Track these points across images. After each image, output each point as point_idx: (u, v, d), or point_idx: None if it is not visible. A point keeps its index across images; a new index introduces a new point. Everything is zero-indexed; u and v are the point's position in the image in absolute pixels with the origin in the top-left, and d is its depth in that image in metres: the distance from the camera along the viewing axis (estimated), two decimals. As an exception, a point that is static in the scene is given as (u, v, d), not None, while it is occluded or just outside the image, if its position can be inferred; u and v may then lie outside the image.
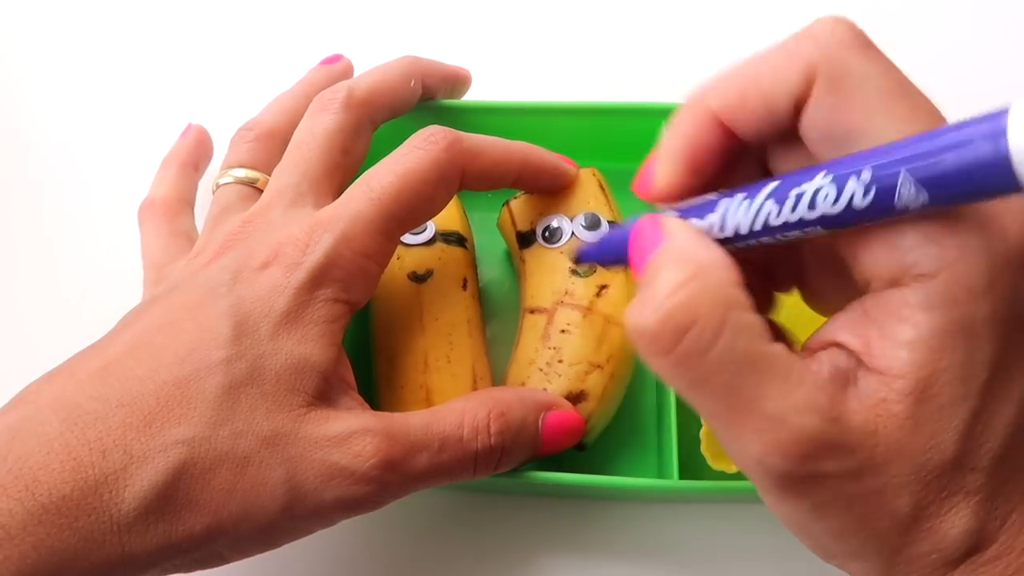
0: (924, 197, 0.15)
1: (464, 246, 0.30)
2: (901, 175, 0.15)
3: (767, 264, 0.23)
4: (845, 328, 0.18)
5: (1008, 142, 0.13)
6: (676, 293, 0.17)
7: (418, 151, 0.24)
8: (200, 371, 0.21)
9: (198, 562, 0.21)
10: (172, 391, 0.21)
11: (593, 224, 0.29)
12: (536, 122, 0.32)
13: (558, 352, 0.27)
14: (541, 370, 0.27)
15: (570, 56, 0.40)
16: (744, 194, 0.18)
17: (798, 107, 0.18)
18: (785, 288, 0.23)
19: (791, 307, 0.24)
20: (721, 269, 0.17)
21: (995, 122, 0.14)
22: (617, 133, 0.33)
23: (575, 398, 0.26)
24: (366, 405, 0.23)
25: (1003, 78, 0.39)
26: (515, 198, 0.30)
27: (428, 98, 0.32)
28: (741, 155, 0.20)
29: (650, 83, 0.39)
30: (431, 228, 0.29)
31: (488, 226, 0.32)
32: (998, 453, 0.16)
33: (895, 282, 0.17)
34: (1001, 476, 0.17)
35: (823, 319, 0.19)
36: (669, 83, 0.38)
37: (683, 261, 0.17)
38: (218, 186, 0.29)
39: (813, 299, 0.22)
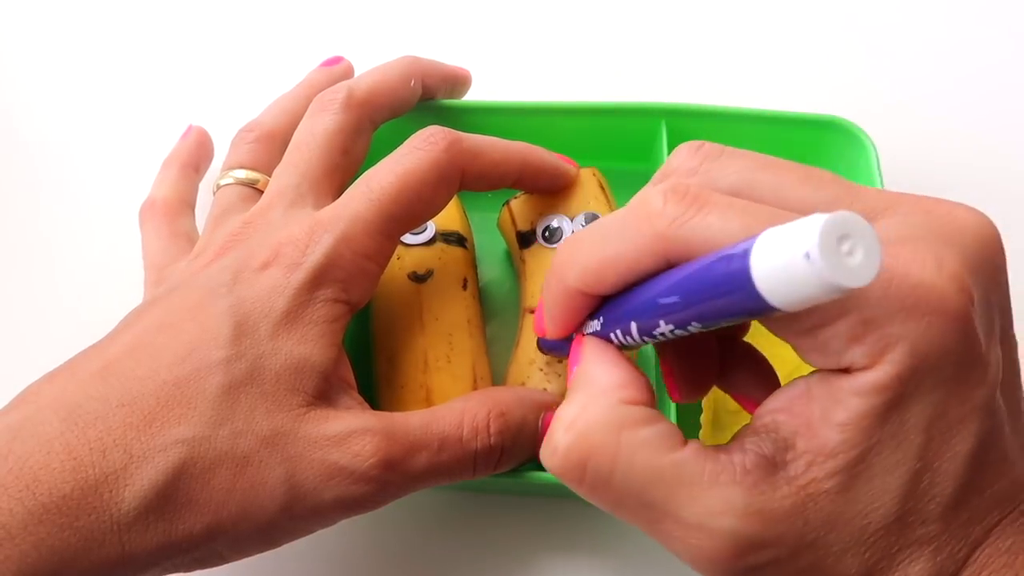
0: (700, 313, 0.17)
1: (464, 246, 0.30)
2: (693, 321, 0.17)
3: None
4: (784, 407, 0.18)
5: (751, 271, 0.14)
6: (569, 430, 0.18)
7: (418, 151, 0.24)
8: (200, 371, 0.21)
9: (198, 562, 0.21)
10: (172, 391, 0.21)
11: (593, 224, 0.29)
12: (536, 122, 0.32)
13: (558, 352, 0.27)
14: (541, 370, 0.27)
15: (570, 56, 0.40)
16: (620, 330, 0.19)
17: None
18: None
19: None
20: (611, 391, 0.18)
21: (740, 265, 0.15)
22: (617, 133, 0.33)
23: (575, 398, 0.26)
24: (366, 405, 0.23)
25: (1004, 80, 0.39)
26: (515, 198, 0.30)
27: (428, 98, 0.32)
28: None
29: (650, 83, 0.39)
30: (431, 228, 0.29)
31: (488, 226, 0.32)
32: (950, 503, 0.17)
33: (836, 371, 0.17)
34: (958, 521, 0.17)
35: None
36: (669, 83, 0.39)
37: (578, 391, 0.19)
38: (219, 187, 0.29)
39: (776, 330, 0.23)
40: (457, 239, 0.30)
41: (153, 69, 0.40)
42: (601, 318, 0.20)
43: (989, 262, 0.17)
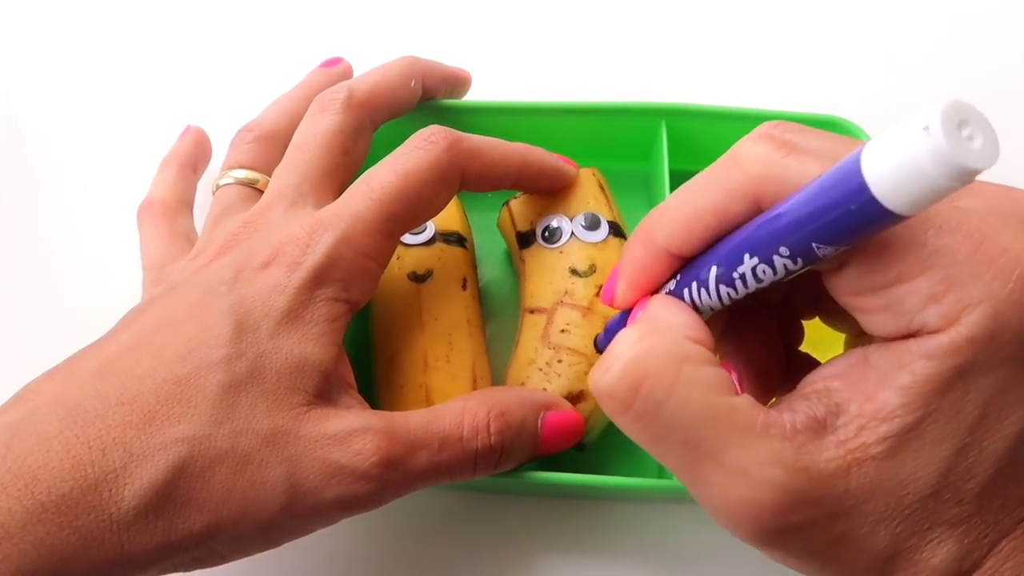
0: (834, 248, 0.16)
1: (464, 246, 0.30)
2: (812, 243, 0.16)
3: (788, 295, 0.23)
4: (839, 373, 0.18)
5: (866, 180, 0.14)
6: (629, 350, 0.17)
7: (418, 151, 0.24)
8: (200, 369, 0.21)
9: (198, 561, 0.21)
10: (172, 389, 0.21)
11: (593, 224, 0.29)
12: (536, 122, 0.32)
13: (558, 352, 0.27)
14: (541, 370, 0.27)
15: (570, 56, 0.40)
16: (696, 283, 0.19)
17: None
18: (807, 316, 0.23)
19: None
20: (676, 327, 0.18)
21: (851, 166, 0.14)
22: (617, 133, 0.33)
23: (575, 398, 0.26)
24: (366, 404, 0.23)
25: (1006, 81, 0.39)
26: (515, 198, 0.30)
27: (428, 98, 0.32)
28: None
29: (650, 83, 0.39)
30: (431, 228, 0.29)
31: (488, 226, 0.32)
32: (986, 485, 0.17)
33: (902, 335, 0.17)
34: (991, 506, 0.17)
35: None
36: (669, 83, 0.39)
37: (646, 323, 0.18)
38: (218, 187, 0.29)
39: (831, 322, 0.23)
40: (457, 239, 0.30)
41: (151, 69, 0.40)
42: (678, 277, 0.20)
43: None
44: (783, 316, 0.23)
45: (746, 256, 0.17)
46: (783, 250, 0.16)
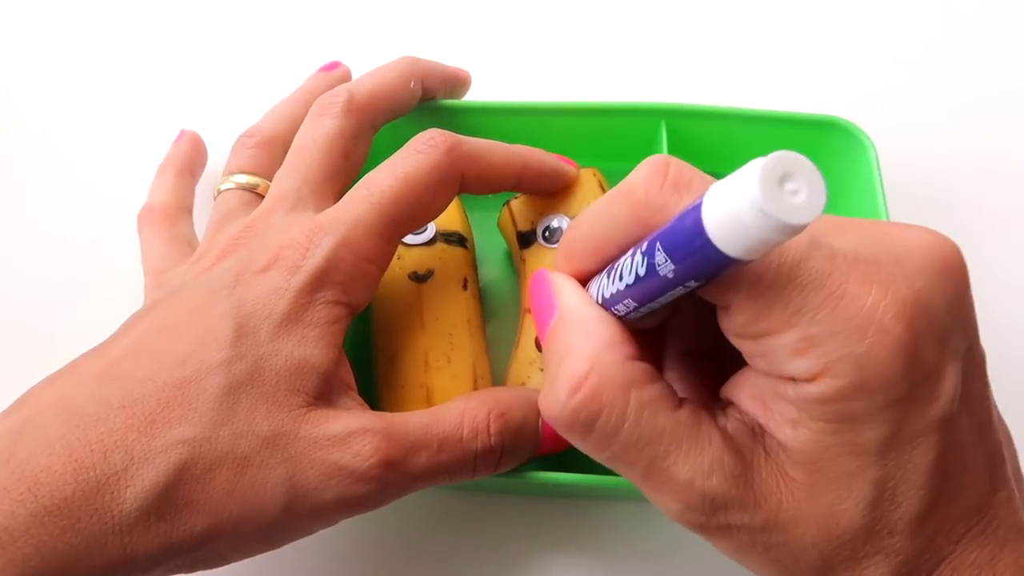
0: (674, 269, 0.16)
1: (465, 246, 0.30)
2: (656, 247, 0.17)
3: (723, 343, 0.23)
4: (744, 392, 0.19)
5: (704, 226, 0.15)
6: (580, 388, 0.18)
7: (418, 155, 0.24)
8: (201, 372, 0.21)
9: (200, 562, 0.21)
10: (173, 392, 0.21)
11: (593, 224, 0.29)
12: (536, 122, 0.32)
13: (558, 352, 0.27)
14: (541, 370, 0.27)
15: (570, 56, 0.40)
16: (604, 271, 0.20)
17: None
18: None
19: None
20: (616, 347, 0.19)
21: (698, 200, 0.15)
22: (617, 133, 0.33)
23: (575, 398, 0.26)
24: (366, 405, 0.23)
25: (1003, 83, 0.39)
26: (515, 198, 0.30)
27: (428, 99, 0.32)
28: None
29: (650, 83, 0.39)
30: (431, 228, 0.29)
31: (488, 226, 0.32)
32: (916, 514, 0.17)
33: (778, 377, 0.18)
34: (925, 532, 0.17)
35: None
36: (669, 83, 0.39)
37: (579, 345, 0.19)
38: (219, 192, 0.29)
39: None
40: (457, 239, 0.30)
41: (148, 74, 0.40)
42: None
43: (947, 283, 0.17)
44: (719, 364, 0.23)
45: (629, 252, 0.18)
46: (643, 246, 0.17)
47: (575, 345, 0.19)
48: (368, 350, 0.29)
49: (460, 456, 0.23)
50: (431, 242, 0.29)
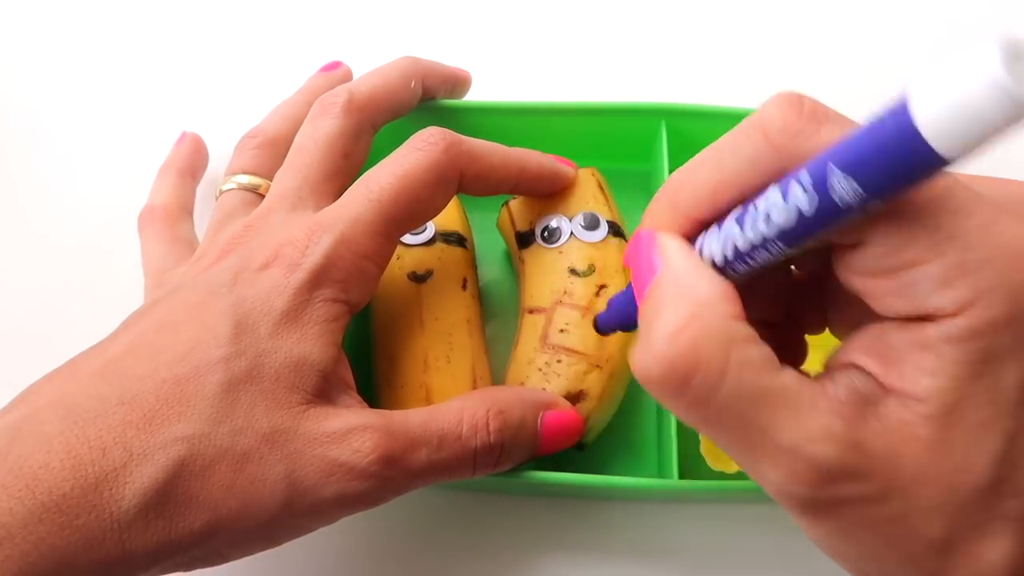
0: (858, 190, 0.15)
1: (464, 246, 0.30)
2: (830, 169, 0.15)
3: (793, 311, 0.22)
4: (863, 351, 0.17)
5: (913, 115, 0.13)
6: (677, 339, 0.17)
7: (417, 153, 0.24)
8: (200, 369, 0.21)
9: (199, 560, 0.21)
10: (172, 389, 0.21)
11: (592, 224, 0.29)
12: (535, 122, 0.32)
13: (557, 352, 0.27)
14: (540, 370, 0.27)
15: (570, 56, 0.40)
16: (716, 226, 0.18)
17: None
18: (815, 331, 0.23)
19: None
20: (718, 304, 0.17)
21: (899, 100, 0.13)
22: (617, 133, 0.33)
23: (574, 398, 0.26)
24: (365, 403, 0.23)
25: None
26: (514, 198, 0.30)
27: (429, 99, 0.32)
28: None
29: (650, 83, 0.39)
30: (431, 228, 0.29)
31: (488, 226, 0.32)
32: None
33: (917, 319, 0.16)
34: None
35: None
36: (669, 83, 0.39)
37: (680, 299, 0.17)
38: (221, 192, 0.29)
39: (841, 332, 0.22)
40: (457, 239, 0.30)
41: (149, 76, 0.40)
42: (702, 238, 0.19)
43: None
44: (783, 336, 0.22)
45: (771, 188, 0.16)
46: (803, 175, 0.16)
47: (675, 299, 0.17)
48: (368, 350, 0.29)
49: (460, 453, 0.23)
50: (430, 242, 0.29)
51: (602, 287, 0.28)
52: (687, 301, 0.17)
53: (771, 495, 0.18)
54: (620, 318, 0.24)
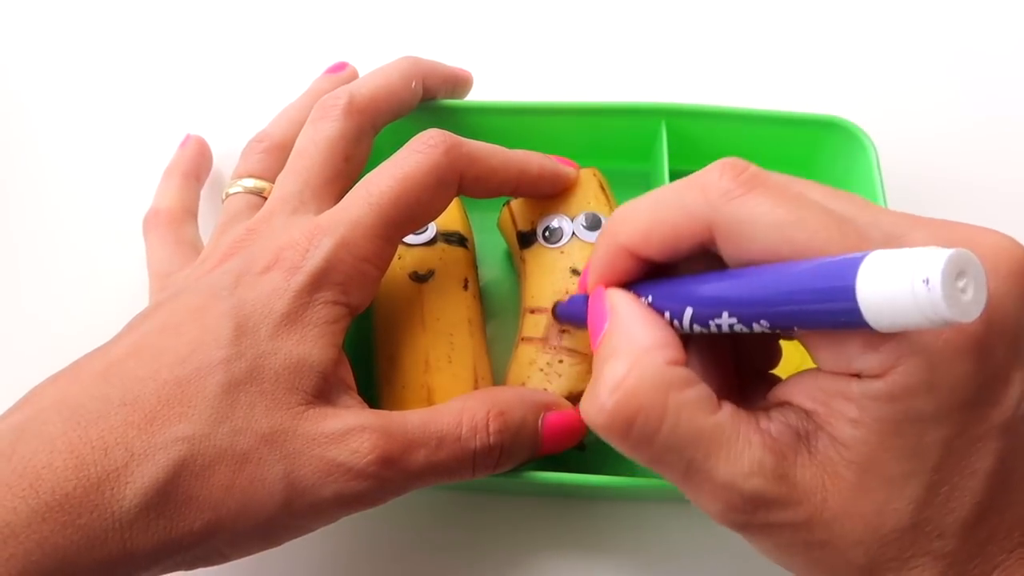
0: (805, 328, 0.17)
1: (465, 246, 0.30)
2: (792, 324, 0.17)
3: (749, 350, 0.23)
4: (801, 392, 0.19)
5: (857, 297, 0.15)
6: (618, 388, 0.18)
7: (417, 155, 0.25)
8: (201, 370, 0.21)
9: (199, 559, 0.21)
10: (173, 390, 0.21)
11: (593, 224, 0.29)
12: (536, 122, 0.32)
13: (558, 352, 0.27)
14: (542, 370, 0.27)
15: (570, 56, 0.40)
16: (669, 313, 0.20)
17: (705, 247, 0.19)
18: (769, 367, 0.23)
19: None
20: (658, 351, 0.19)
21: (845, 278, 0.15)
22: (617, 133, 0.33)
23: (575, 398, 0.26)
24: (365, 405, 0.24)
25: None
26: (516, 198, 0.30)
27: (429, 99, 0.32)
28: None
29: (650, 83, 0.39)
30: (432, 228, 0.29)
31: (489, 226, 0.32)
32: (969, 519, 0.17)
33: (844, 374, 0.17)
34: (977, 539, 0.17)
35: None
36: (669, 83, 0.39)
37: (623, 349, 0.19)
38: (227, 195, 0.29)
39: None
40: (458, 239, 0.30)
41: (153, 80, 0.40)
42: (650, 296, 0.21)
43: (1020, 288, 0.17)
44: (756, 340, 0.23)
45: (725, 313, 0.18)
46: (763, 322, 0.17)
47: (618, 348, 0.19)
48: (369, 350, 0.29)
49: (459, 454, 0.23)
50: (431, 242, 0.29)
51: (579, 280, 0.28)
52: (629, 351, 0.19)
53: (713, 518, 0.19)
54: (575, 318, 0.26)
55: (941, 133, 0.37)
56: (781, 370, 0.23)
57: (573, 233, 0.29)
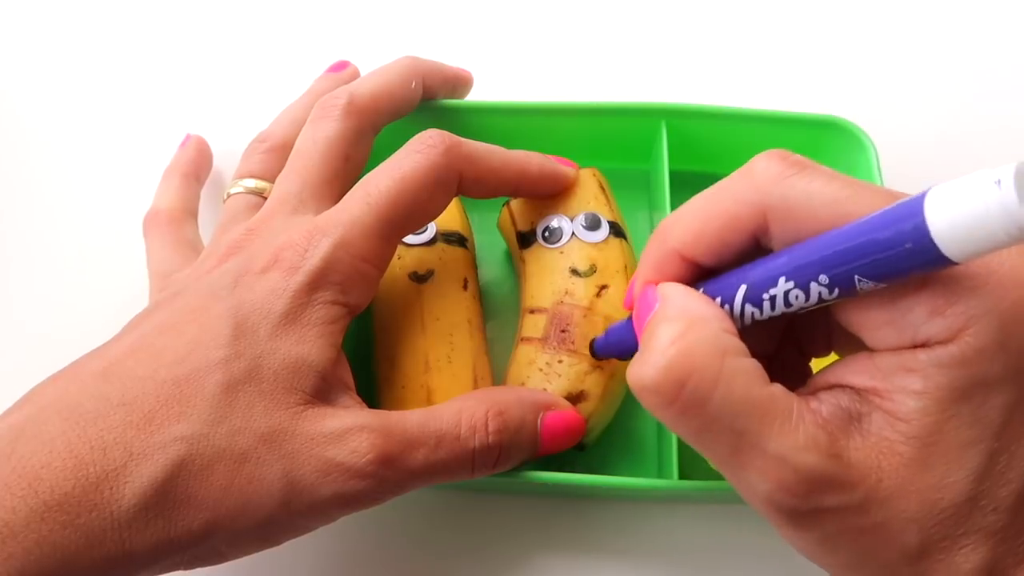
0: (874, 284, 0.16)
1: (465, 246, 0.30)
2: (855, 275, 0.17)
3: (797, 335, 0.23)
4: (853, 371, 0.18)
5: (927, 224, 0.15)
6: (672, 346, 0.18)
7: (416, 155, 0.25)
8: (199, 370, 0.21)
9: (198, 559, 0.21)
10: (172, 390, 0.21)
11: (593, 224, 0.29)
12: (536, 122, 0.32)
13: (558, 352, 0.27)
14: (541, 370, 0.27)
15: (570, 56, 0.40)
16: (720, 298, 0.20)
17: (757, 239, 0.19)
18: (820, 353, 0.23)
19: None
20: (713, 320, 0.18)
21: (914, 210, 0.15)
22: (617, 133, 0.33)
23: (575, 398, 0.26)
24: (364, 405, 0.24)
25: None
26: (515, 198, 0.30)
27: (429, 99, 0.32)
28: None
29: (650, 83, 0.39)
30: (432, 228, 0.29)
31: (488, 226, 0.32)
32: (1021, 492, 0.17)
33: (908, 347, 0.17)
34: None
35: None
36: (669, 83, 0.39)
37: (677, 316, 0.19)
38: (228, 195, 0.29)
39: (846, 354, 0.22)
40: (458, 239, 0.30)
41: (153, 80, 0.40)
42: (702, 288, 0.20)
43: None
44: (781, 363, 0.23)
45: (781, 279, 0.18)
46: (822, 278, 0.17)
47: (672, 317, 0.19)
48: (368, 350, 0.29)
49: (458, 454, 0.23)
50: (431, 242, 0.29)
51: (603, 287, 0.28)
52: (684, 316, 0.18)
53: (756, 506, 0.18)
54: (617, 347, 0.25)
55: (941, 133, 0.37)
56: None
57: (573, 233, 0.29)
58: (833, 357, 0.22)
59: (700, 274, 0.21)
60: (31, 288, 0.35)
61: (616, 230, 0.29)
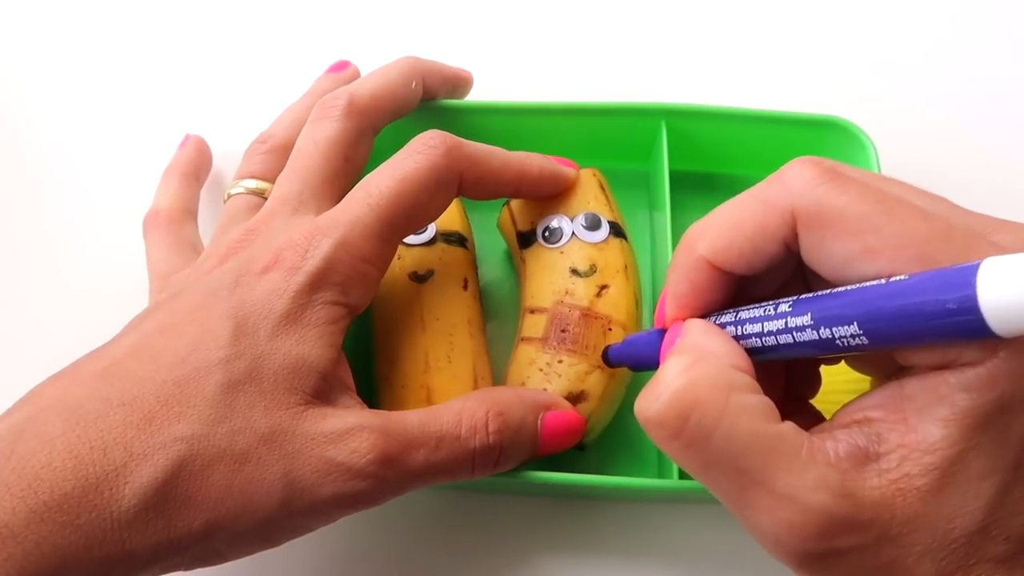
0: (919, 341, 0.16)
1: (465, 246, 0.30)
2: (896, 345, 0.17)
3: (792, 382, 0.23)
4: (878, 404, 0.18)
5: (982, 312, 0.15)
6: (677, 379, 0.18)
7: (416, 156, 0.25)
8: (200, 370, 0.21)
9: (198, 559, 0.21)
10: (172, 390, 0.21)
11: (593, 224, 0.29)
12: (536, 122, 0.32)
13: (558, 352, 0.27)
14: (541, 370, 0.27)
15: (570, 56, 0.40)
16: (755, 339, 0.19)
17: (788, 245, 0.19)
18: (832, 361, 0.23)
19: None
20: (724, 355, 0.18)
21: (963, 285, 0.15)
22: (617, 133, 0.33)
23: (575, 398, 0.27)
24: (364, 405, 0.24)
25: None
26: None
27: (429, 99, 0.32)
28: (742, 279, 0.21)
29: (650, 83, 0.39)
30: (432, 228, 0.29)
31: (488, 226, 0.32)
32: None
33: (938, 368, 0.17)
34: None
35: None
36: (669, 83, 0.39)
37: (687, 349, 0.19)
38: (229, 196, 0.29)
39: (860, 366, 0.22)
40: (458, 239, 0.30)
41: (153, 79, 0.40)
42: (731, 315, 0.20)
43: None
44: (797, 366, 0.23)
45: (809, 328, 0.18)
46: (861, 338, 0.17)
47: (684, 351, 0.19)
48: (368, 350, 0.29)
49: (458, 454, 0.23)
50: (431, 242, 0.29)
51: (603, 287, 0.28)
52: (693, 350, 0.18)
53: (766, 547, 0.18)
54: (634, 359, 0.25)
55: (941, 133, 0.37)
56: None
57: (573, 233, 0.29)
58: (842, 365, 0.22)
59: (731, 283, 0.20)
60: (31, 288, 0.35)
61: (616, 230, 0.29)
